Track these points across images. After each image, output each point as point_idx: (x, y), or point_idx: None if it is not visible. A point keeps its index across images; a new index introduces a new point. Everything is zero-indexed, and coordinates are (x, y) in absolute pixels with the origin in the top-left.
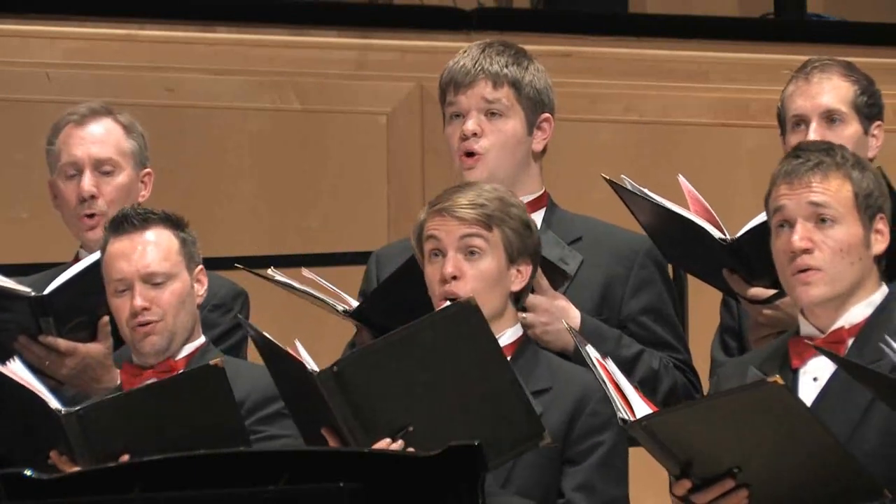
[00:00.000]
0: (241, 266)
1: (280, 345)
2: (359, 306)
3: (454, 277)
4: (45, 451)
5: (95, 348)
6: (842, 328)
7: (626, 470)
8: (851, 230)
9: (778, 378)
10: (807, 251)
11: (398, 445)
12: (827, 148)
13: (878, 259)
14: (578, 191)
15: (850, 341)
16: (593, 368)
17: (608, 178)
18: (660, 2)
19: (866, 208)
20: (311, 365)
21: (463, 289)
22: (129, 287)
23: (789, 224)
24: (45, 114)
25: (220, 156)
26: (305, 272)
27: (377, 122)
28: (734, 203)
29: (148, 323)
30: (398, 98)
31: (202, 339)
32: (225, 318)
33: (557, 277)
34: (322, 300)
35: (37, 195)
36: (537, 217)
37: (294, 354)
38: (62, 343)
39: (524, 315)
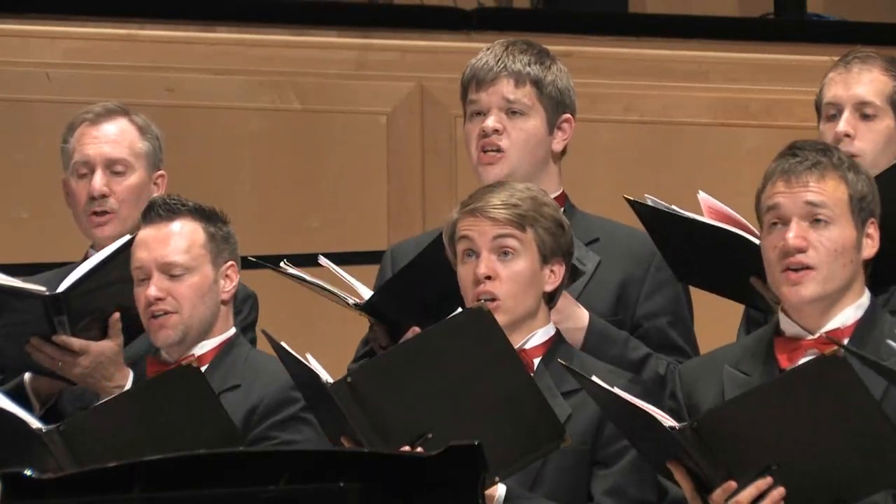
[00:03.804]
0: (254, 258)
1: (296, 354)
2: (369, 300)
3: (488, 277)
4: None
5: (108, 346)
6: (838, 329)
7: (655, 474)
8: (845, 232)
9: (839, 350)
10: (801, 250)
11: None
12: (824, 148)
13: (865, 264)
14: (579, 191)
15: (846, 342)
16: (615, 393)
17: (631, 199)
18: (660, 2)
19: (860, 211)
20: (325, 376)
21: (498, 289)
22: (148, 276)
23: (783, 222)
24: (45, 114)
25: (220, 156)
26: (322, 260)
27: (377, 122)
28: (734, 203)
29: (162, 314)
30: (398, 98)
31: (230, 333)
32: (235, 320)
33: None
34: (333, 293)
35: (37, 195)
36: None
37: (308, 364)
38: (75, 342)
39: None
